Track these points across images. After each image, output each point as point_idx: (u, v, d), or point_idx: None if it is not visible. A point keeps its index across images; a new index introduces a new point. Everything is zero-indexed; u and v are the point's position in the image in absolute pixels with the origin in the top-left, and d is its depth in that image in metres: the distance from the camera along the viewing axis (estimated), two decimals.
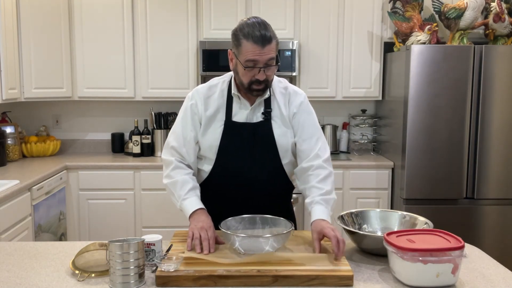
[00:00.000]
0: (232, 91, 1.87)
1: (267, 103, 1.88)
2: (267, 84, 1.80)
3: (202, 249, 1.64)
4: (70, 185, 3.60)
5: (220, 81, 1.93)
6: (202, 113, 1.87)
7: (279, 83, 1.96)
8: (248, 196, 1.88)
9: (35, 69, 3.54)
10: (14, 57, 3.36)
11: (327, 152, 1.90)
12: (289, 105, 1.91)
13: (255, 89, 1.79)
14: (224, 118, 1.86)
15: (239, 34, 1.74)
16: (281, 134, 1.88)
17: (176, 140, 1.91)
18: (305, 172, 1.88)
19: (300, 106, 1.92)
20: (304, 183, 1.89)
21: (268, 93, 1.87)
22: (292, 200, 2.10)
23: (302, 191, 1.91)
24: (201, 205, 1.82)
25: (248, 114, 1.87)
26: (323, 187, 1.82)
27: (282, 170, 1.91)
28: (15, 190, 2.78)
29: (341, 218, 1.83)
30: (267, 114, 1.87)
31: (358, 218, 1.88)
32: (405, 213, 1.89)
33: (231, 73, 1.90)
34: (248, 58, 1.72)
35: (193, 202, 1.82)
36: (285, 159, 1.91)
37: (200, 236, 1.67)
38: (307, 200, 1.84)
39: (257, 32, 1.71)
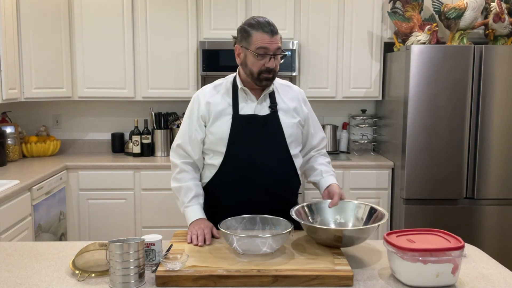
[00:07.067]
0: (239, 86, 1.95)
1: (272, 97, 1.98)
2: (274, 74, 1.91)
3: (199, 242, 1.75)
4: (70, 185, 3.60)
5: (224, 81, 2.02)
6: (206, 112, 1.95)
7: (278, 79, 2.07)
8: (258, 186, 1.92)
9: (35, 69, 3.53)
10: (14, 57, 3.36)
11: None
12: (294, 98, 2.03)
13: (265, 78, 1.89)
14: (231, 112, 1.93)
15: (247, 28, 1.88)
16: (289, 126, 1.97)
17: (181, 138, 2.01)
18: (314, 152, 2.11)
19: (306, 100, 2.09)
20: (312, 162, 2.10)
21: (272, 87, 1.97)
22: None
23: (308, 168, 2.10)
24: (202, 215, 1.91)
25: (255, 107, 1.95)
26: (332, 169, 2.09)
27: (290, 160, 1.98)
28: (15, 190, 2.78)
29: (295, 213, 1.81)
30: (274, 107, 1.96)
31: (312, 211, 1.89)
32: (360, 202, 1.89)
33: (234, 74, 2.01)
34: (259, 46, 1.84)
35: (195, 211, 1.92)
36: (293, 150, 1.98)
37: (197, 232, 1.78)
38: (321, 169, 2.05)
39: (265, 23, 1.86)
